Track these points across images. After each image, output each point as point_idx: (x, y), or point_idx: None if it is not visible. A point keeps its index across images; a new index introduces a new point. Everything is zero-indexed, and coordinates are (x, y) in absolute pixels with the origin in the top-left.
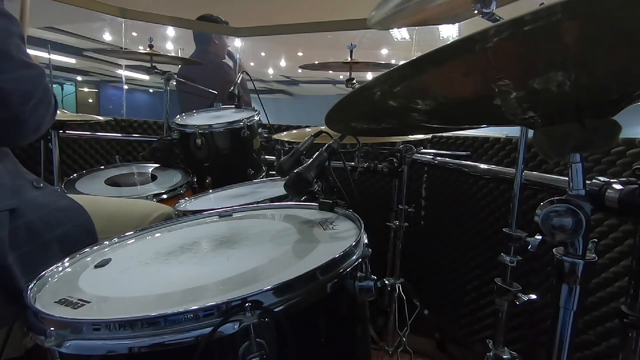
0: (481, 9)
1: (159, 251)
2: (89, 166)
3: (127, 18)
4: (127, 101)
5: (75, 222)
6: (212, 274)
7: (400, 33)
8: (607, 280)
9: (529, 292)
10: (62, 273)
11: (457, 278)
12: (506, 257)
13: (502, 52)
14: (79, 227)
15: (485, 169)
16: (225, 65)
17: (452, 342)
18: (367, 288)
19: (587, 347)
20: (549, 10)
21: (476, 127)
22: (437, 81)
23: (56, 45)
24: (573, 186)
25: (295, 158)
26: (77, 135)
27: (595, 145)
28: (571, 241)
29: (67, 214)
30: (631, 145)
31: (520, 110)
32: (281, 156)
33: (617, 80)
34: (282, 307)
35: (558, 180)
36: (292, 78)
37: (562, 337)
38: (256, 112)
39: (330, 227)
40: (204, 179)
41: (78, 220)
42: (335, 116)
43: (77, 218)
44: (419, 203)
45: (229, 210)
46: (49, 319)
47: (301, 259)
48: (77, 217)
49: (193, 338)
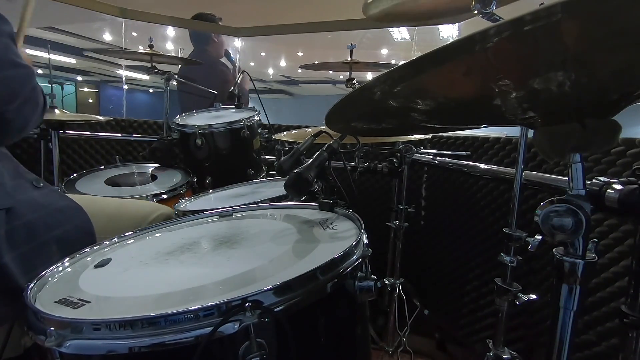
0: (481, 9)
1: (159, 251)
2: (89, 166)
3: (127, 18)
4: (127, 101)
5: (74, 222)
6: (212, 273)
7: (400, 33)
8: (607, 280)
9: (529, 292)
10: (62, 273)
11: (457, 278)
12: (506, 257)
13: (502, 52)
14: (78, 228)
15: (485, 169)
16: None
17: (452, 342)
18: (367, 288)
19: (587, 347)
20: (549, 10)
21: (476, 127)
22: (437, 81)
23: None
24: (573, 186)
25: (295, 158)
26: (77, 135)
27: (595, 145)
28: (571, 241)
29: (67, 214)
30: (631, 145)
31: (520, 110)
32: (281, 156)
33: (617, 80)
34: (282, 307)
35: (558, 180)
36: (292, 78)
37: (562, 337)
38: (256, 112)
39: (330, 227)
40: (204, 179)
41: (77, 221)
42: (335, 116)
43: (76, 219)
44: (419, 203)
45: (229, 210)
46: (49, 319)
47: (301, 259)
48: (76, 218)
49: (193, 338)
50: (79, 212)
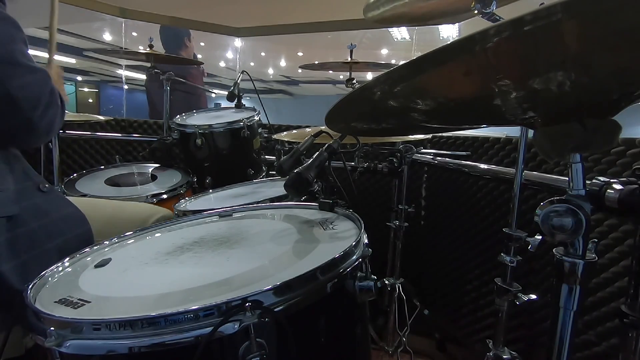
0: (481, 9)
1: (159, 251)
2: (89, 166)
3: (127, 18)
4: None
5: (75, 232)
6: (212, 274)
7: (400, 33)
8: (607, 280)
9: (529, 292)
10: (62, 273)
11: (457, 278)
12: (506, 257)
13: (502, 52)
14: (79, 237)
15: (485, 169)
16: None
17: (452, 342)
18: (367, 288)
19: (587, 347)
20: (549, 10)
21: (476, 127)
22: (437, 81)
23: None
24: (573, 186)
25: (295, 158)
26: (77, 135)
27: (595, 145)
28: (571, 241)
29: (69, 223)
30: (631, 145)
31: (520, 110)
32: (281, 156)
33: (617, 80)
34: (282, 307)
35: (558, 180)
36: (292, 78)
37: (562, 337)
38: (256, 112)
39: (330, 227)
40: (204, 179)
41: (79, 230)
42: (335, 116)
43: (78, 228)
44: (419, 203)
45: (229, 210)
46: (49, 319)
47: (301, 259)
48: (79, 227)
49: (193, 338)
50: (81, 221)
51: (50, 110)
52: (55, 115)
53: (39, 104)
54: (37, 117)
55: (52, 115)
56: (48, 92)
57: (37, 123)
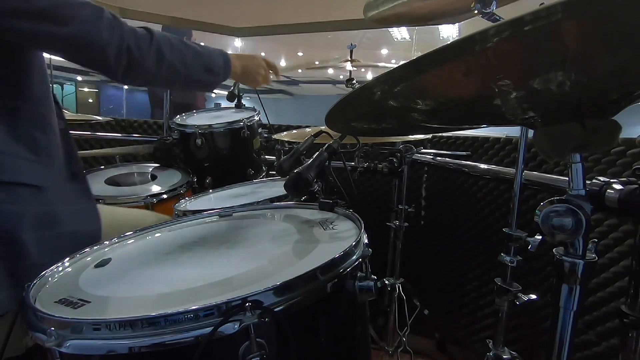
0: (481, 9)
1: (159, 251)
2: (89, 166)
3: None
4: (127, 101)
5: (88, 227)
6: (212, 273)
7: (400, 33)
8: (607, 280)
9: (529, 292)
10: (62, 273)
11: (457, 278)
12: (506, 257)
13: (502, 52)
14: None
15: (485, 169)
16: None
17: (452, 342)
18: (367, 288)
19: (587, 347)
20: (549, 10)
21: (476, 127)
22: (437, 81)
23: None
24: (573, 186)
25: (295, 158)
26: (77, 135)
27: (595, 145)
28: (571, 241)
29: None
30: (631, 145)
31: (520, 110)
32: (281, 156)
33: (617, 80)
34: (282, 307)
35: (558, 180)
36: (292, 78)
37: (562, 337)
38: (256, 112)
39: (331, 227)
40: (204, 179)
41: (92, 226)
42: (335, 116)
43: (92, 224)
44: (419, 203)
45: (229, 210)
46: (49, 319)
47: (301, 259)
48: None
49: (193, 338)
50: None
51: (111, 30)
52: (113, 30)
53: (113, 33)
54: (126, 49)
55: (114, 32)
56: (105, 17)
57: (109, 40)
